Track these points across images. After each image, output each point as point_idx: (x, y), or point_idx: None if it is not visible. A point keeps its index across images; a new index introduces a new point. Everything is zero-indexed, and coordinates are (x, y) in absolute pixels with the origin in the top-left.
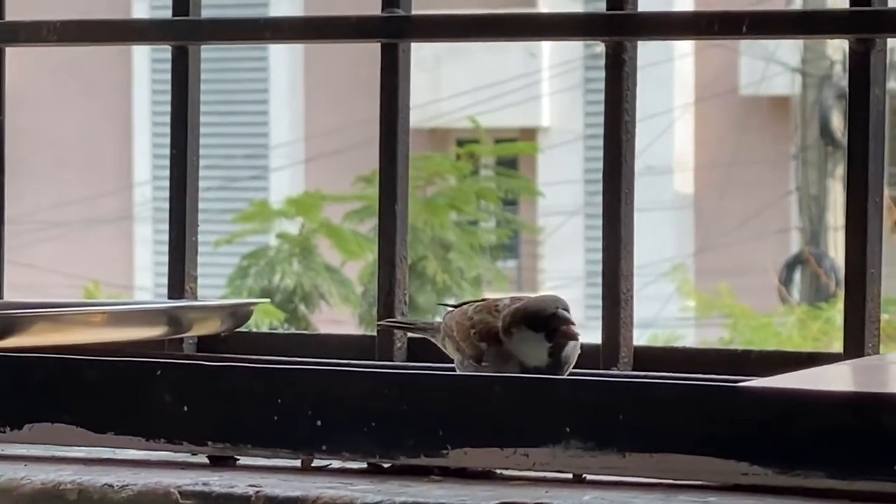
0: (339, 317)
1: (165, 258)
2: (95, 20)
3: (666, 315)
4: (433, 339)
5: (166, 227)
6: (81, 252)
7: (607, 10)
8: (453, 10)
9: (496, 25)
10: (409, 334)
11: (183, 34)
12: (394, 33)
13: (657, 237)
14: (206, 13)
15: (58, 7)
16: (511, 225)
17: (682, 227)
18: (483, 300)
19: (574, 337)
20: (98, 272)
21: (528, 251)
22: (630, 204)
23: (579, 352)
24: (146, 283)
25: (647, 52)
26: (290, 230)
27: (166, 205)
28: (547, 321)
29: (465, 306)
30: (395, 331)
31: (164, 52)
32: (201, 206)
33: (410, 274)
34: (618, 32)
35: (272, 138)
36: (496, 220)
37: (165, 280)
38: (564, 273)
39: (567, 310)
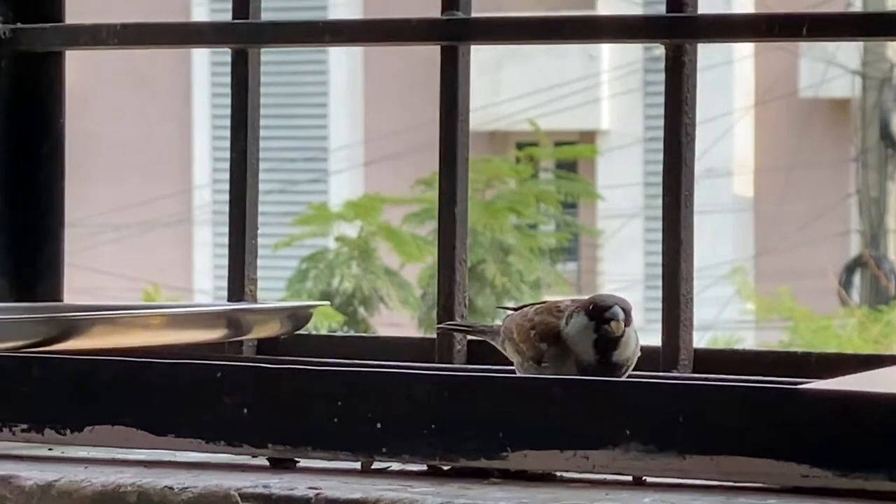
0: (399, 320)
1: (225, 261)
2: (155, 23)
3: (726, 318)
4: (493, 342)
5: (226, 230)
6: (141, 255)
7: (667, 12)
8: (513, 13)
9: (555, 28)
10: (469, 337)
11: (243, 37)
12: (454, 36)
13: (717, 240)
14: (264, 16)
15: (117, 11)
16: (570, 228)
17: (741, 230)
18: (543, 302)
19: (613, 333)
20: (157, 275)
21: (587, 254)
22: (690, 206)
23: (639, 354)
24: (206, 286)
25: (707, 54)
26: (350, 233)
27: (226, 208)
28: (601, 311)
29: (525, 309)
30: (455, 333)
31: (224, 55)
32: (261, 209)
33: (470, 277)
34: (678, 35)
35: (331, 141)
36: (556, 223)
37: (225, 283)
38: (624, 276)
39: (626, 310)
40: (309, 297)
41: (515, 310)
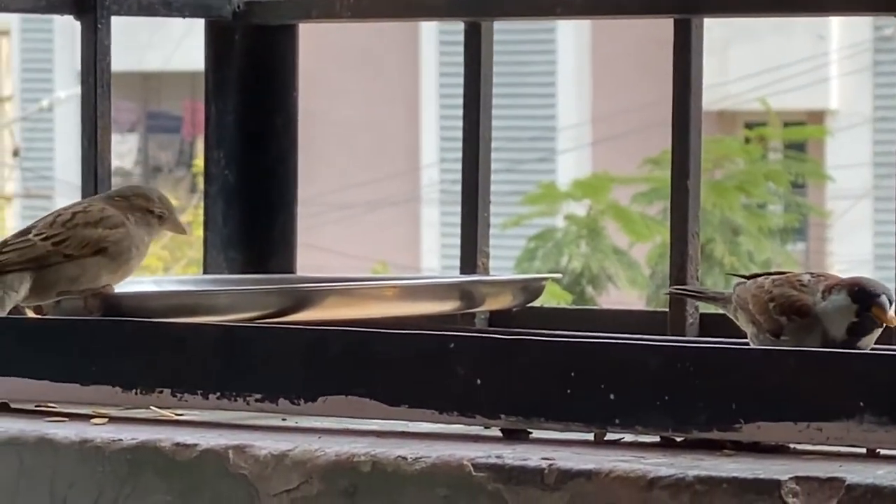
0: (627, 299)
1: (452, 240)
2: None
3: None
4: (724, 310)
5: (454, 209)
6: (367, 234)
7: None
8: None
9: (791, 0)
10: (700, 310)
11: (475, 9)
12: (687, 8)
13: None
14: None
15: None
16: (800, 208)
17: None
18: (780, 273)
19: (883, 323)
20: (384, 254)
21: (816, 234)
22: None
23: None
24: (433, 264)
25: None
26: (578, 212)
27: (454, 187)
28: (868, 296)
29: (760, 279)
30: (687, 307)
31: (452, 34)
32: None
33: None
34: None
35: (559, 121)
36: (785, 203)
37: (452, 262)
38: (853, 256)
39: (892, 301)
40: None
41: (747, 278)
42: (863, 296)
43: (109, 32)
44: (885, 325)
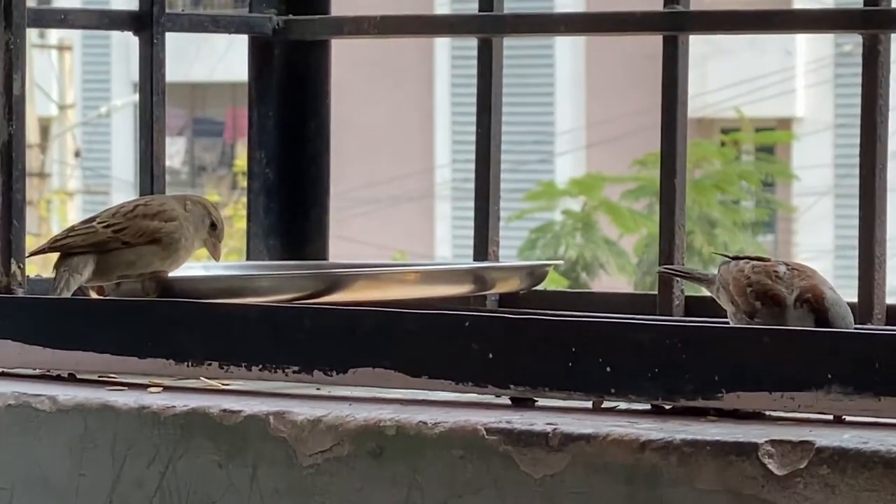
0: (617, 285)
1: (463, 232)
2: (412, 15)
3: None
4: (707, 289)
5: (464, 204)
6: (389, 226)
7: (864, 5)
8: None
9: (765, 19)
10: (686, 293)
11: (488, 27)
12: (675, 26)
13: None
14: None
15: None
16: (769, 204)
17: None
18: (761, 259)
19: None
20: (403, 244)
21: (783, 227)
22: (884, 179)
23: None
24: (446, 253)
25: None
26: (574, 208)
27: (465, 185)
28: (831, 321)
29: (741, 262)
30: (675, 289)
31: (464, 48)
32: None
33: None
34: (873, 26)
35: (557, 126)
36: (756, 199)
37: (462, 251)
38: (816, 247)
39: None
40: None
41: (732, 258)
42: (828, 321)
43: (164, 47)
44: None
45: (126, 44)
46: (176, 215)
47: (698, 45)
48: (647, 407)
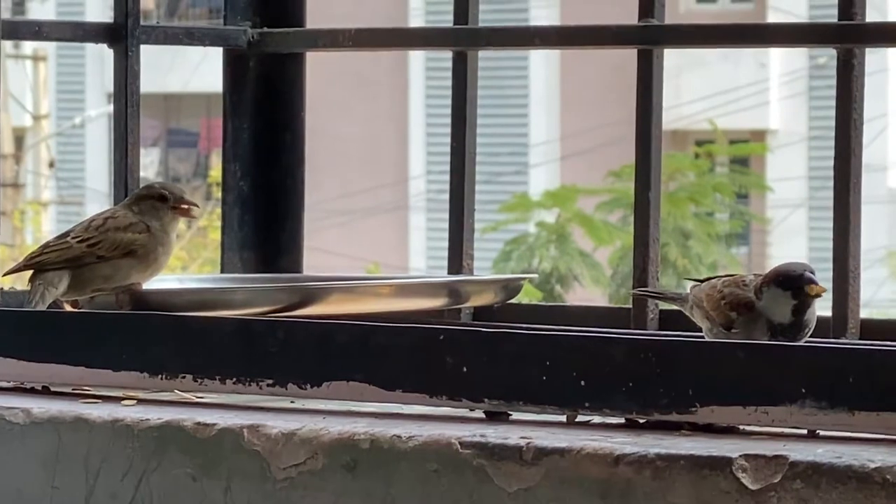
0: (591, 297)
1: (437, 244)
2: (386, 28)
3: (881, 297)
4: (681, 308)
5: (439, 216)
6: (363, 237)
7: (839, 20)
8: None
9: (740, 33)
10: (661, 307)
11: (463, 40)
12: (650, 40)
13: (872, 228)
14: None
15: (337, 21)
16: (743, 216)
17: (895, 219)
18: (729, 275)
19: (819, 293)
20: (377, 255)
21: (757, 239)
22: (858, 192)
23: (815, 322)
24: (420, 264)
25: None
26: (548, 219)
27: (439, 196)
28: (795, 280)
29: (712, 280)
30: (649, 303)
31: (439, 60)
32: None
33: None
34: (848, 40)
35: (531, 138)
36: (730, 211)
37: (436, 263)
38: (790, 258)
39: (813, 272)
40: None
41: (701, 281)
42: (790, 281)
43: (139, 59)
44: (820, 294)
45: (101, 55)
46: (144, 226)
47: (672, 57)
48: (622, 421)
